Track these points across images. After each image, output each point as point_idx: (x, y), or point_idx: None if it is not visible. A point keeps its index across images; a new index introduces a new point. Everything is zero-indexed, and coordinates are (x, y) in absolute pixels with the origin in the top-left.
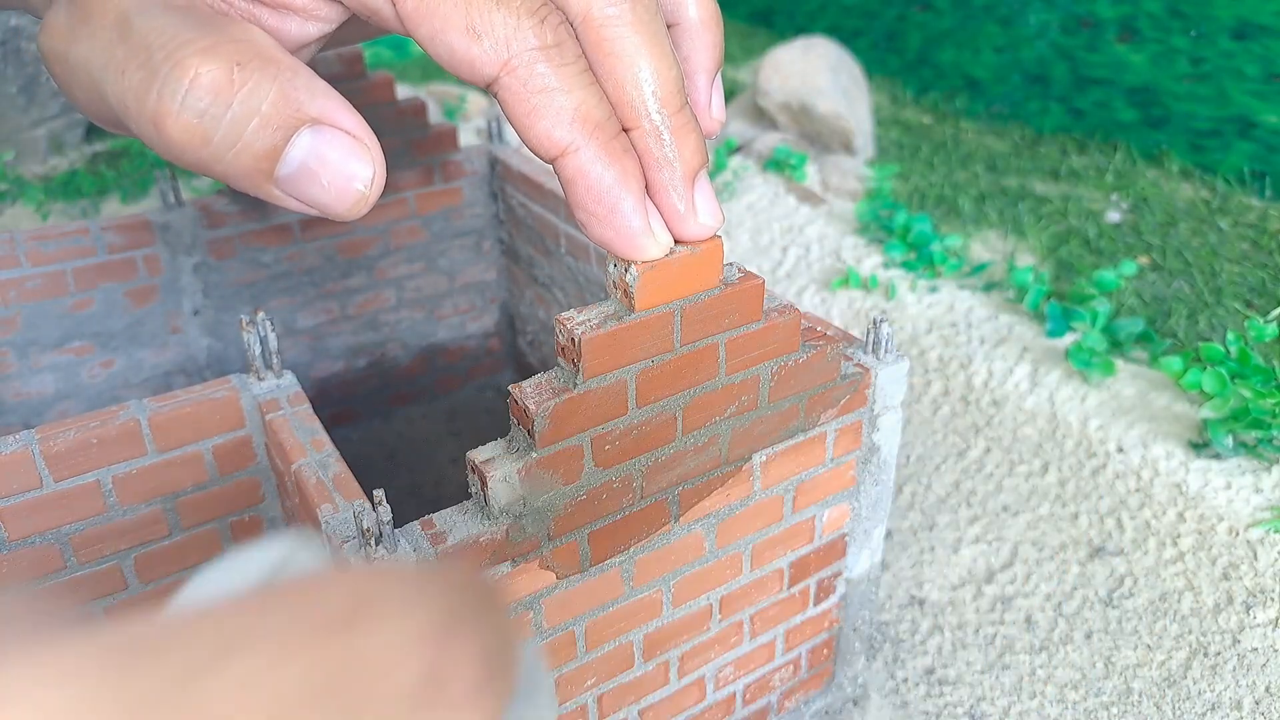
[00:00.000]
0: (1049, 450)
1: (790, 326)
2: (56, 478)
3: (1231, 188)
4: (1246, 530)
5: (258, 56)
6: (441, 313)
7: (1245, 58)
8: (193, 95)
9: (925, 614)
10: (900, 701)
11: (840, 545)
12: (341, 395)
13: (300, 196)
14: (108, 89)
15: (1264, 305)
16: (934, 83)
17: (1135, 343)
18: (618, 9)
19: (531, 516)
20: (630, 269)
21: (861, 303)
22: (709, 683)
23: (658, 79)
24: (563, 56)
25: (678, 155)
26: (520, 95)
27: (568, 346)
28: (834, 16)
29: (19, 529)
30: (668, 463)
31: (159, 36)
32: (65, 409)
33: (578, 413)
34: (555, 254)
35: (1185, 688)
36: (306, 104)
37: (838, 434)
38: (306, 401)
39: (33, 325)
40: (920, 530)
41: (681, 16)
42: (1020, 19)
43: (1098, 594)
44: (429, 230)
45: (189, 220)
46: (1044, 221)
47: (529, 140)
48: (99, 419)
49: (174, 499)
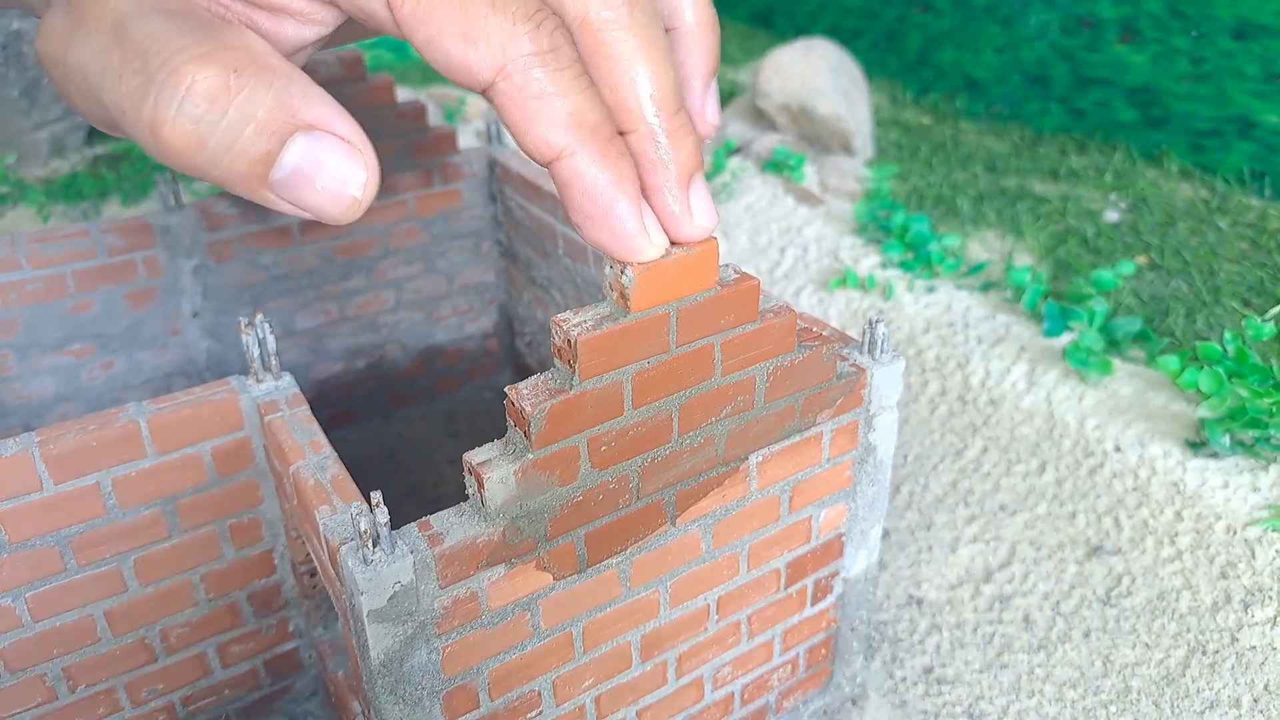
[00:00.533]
0: (1046, 450)
1: (786, 327)
2: (56, 480)
3: (1231, 187)
4: (1244, 529)
5: (253, 63)
6: (440, 314)
7: (1245, 58)
8: (189, 102)
9: (923, 613)
10: (899, 701)
11: (837, 545)
12: (340, 396)
13: (295, 201)
14: (104, 93)
15: (1262, 304)
16: (934, 83)
17: (1133, 342)
18: (615, 13)
19: (528, 518)
20: (626, 270)
21: (859, 303)
22: (707, 683)
23: (654, 83)
24: (558, 61)
25: (673, 158)
26: (516, 100)
27: (564, 348)
28: (834, 18)
29: (19, 531)
30: (664, 463)
31: (154, 42)
32: (65, 411)
33: (574, 414)
34: (553, 256)
35: (1184, 686)
36: (301, 110)
37: (834, 434)
38: (305, 403)
39: (33, 327)
40: (918, 530)
41: (678, 21)
42: (1020, 19)
43: (1096, 593)
44: (428, 232)
45: (189, 223)
46: (1042, 221)
47: (525, 144)
48: (99, 421)
49: (173, 501)
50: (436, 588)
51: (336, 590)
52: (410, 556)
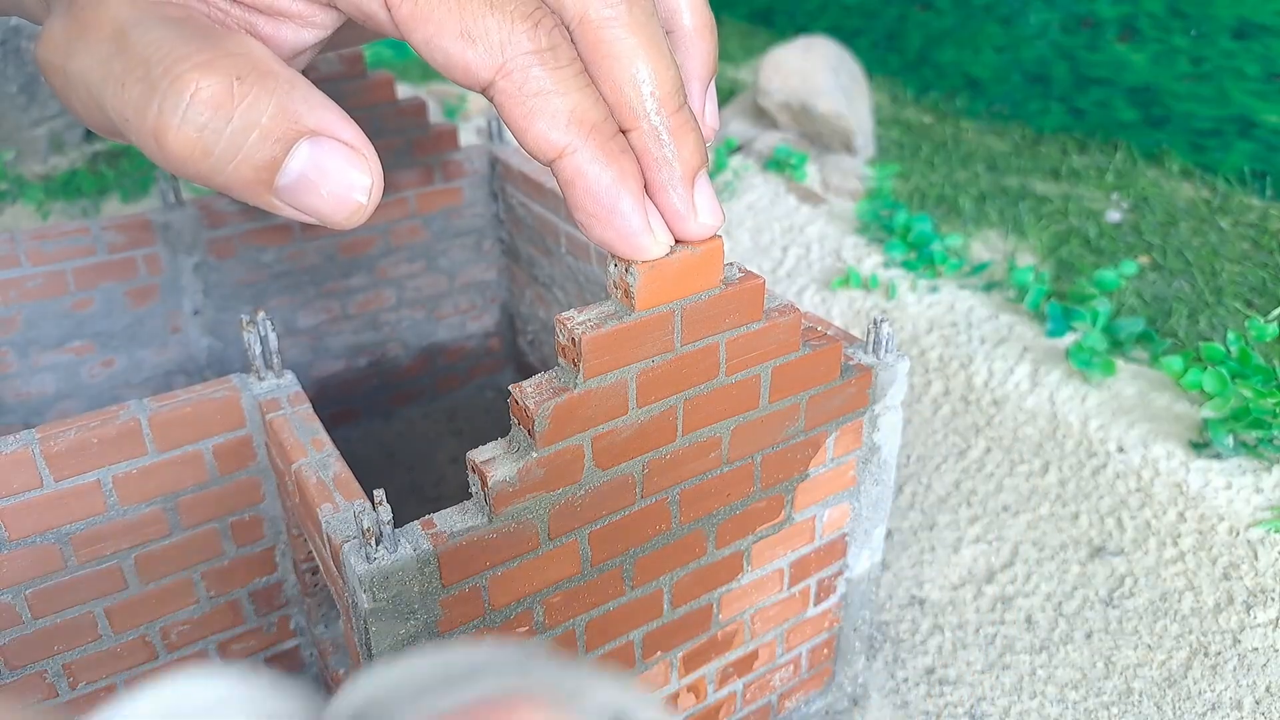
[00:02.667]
0: (1049, 450)
1: (791, 326)
2: (57, 477)
3: (1232, 187)
4: (1247, 530)
5: (255, 70)
6: (442, 312)
7: (1246, 57)
8: (193, 109)
9: (925, 614)
10: (900, 701)
11: (840, 545)
12: (342, 395)
13: (300, 206)
14: (107, 102)
15: (1264, 305)
16: (934, 82)
17: (1136, 342)
18: (614, 10)
19: (532, 516)
20: (631, 269)
21: (862, 302)
22: (709, 683)
23: (655, 79)
24: (557, 59)
25: (677, 155)
26: (515, 99)
27: (568, 346)
28: (834, 16)
29: (19, 528)
30: (668, 463)
31: (156, 50)
32: (66, 408)
33: (578, 412)
34: (555, 253)
35: (1185, 687)
36: (305, 116)
37: (838, 434)
38: (307, 401)
39: (33, 325)
40: (920, 530)
41: (675, 25)
42: (1021, 18)
43: (1098, 594)
44: (429, 230)
45: (189, 220)
46: (1044, 221)
47: (526, 143)
48: (99, 419)
49: (174, 498)
50: (439, 586)
51: (338, 588)
52: (413, 554)
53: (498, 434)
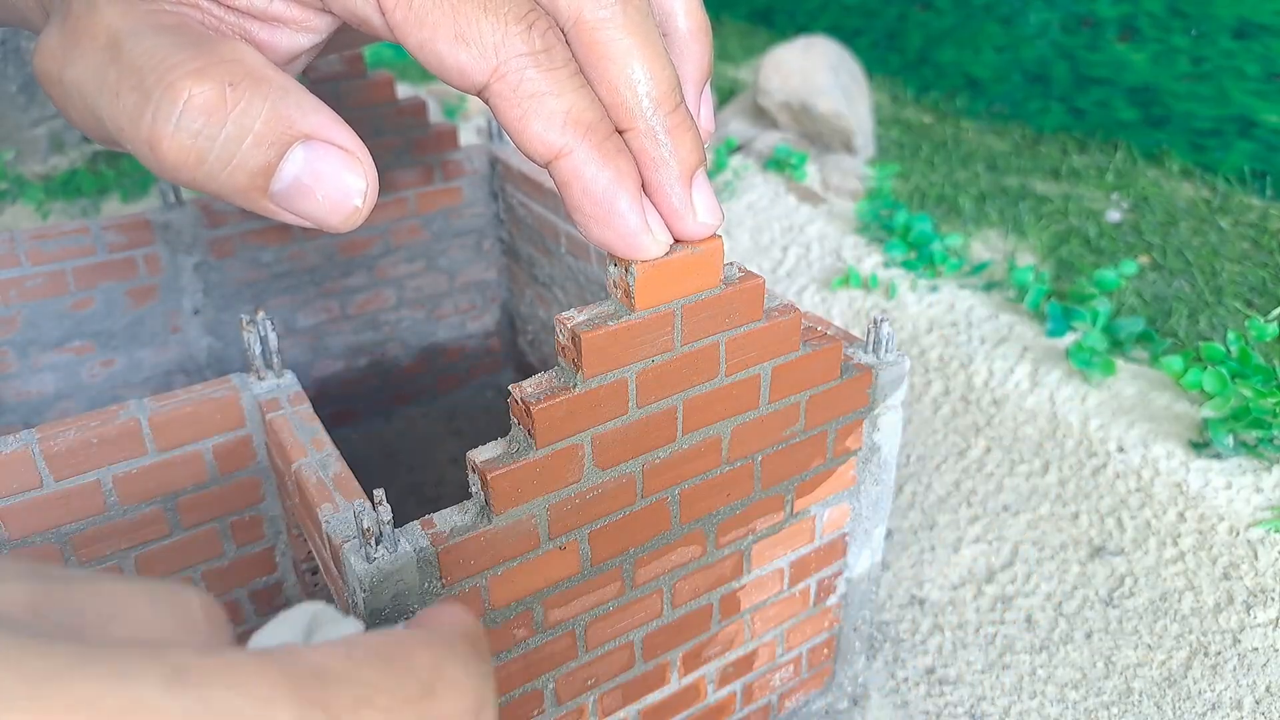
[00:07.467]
0: (1049, 450)
1: (791, 326)
2: (57, 477)
3: (1232, 187)
4: (1247, 530)
5: (249, 76)
6: (442, 312)
7: (1246, 57)
8: (187, 117)
9: (925, 613)
10: (900, 701)
11: (840, 545)
12: (342, 395)
13: (295, 211)
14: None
15: (1265, 305)
16: (934, 82)
17: (1136, 342)
18: (609, 11)
19: (532, 516)
20: (630, 268)
21: (862, 302)
22: (709, 683)
23: (651, 79)
24: (551, 61)
25: (674, 154)
26: (511, 101)
27: (568, 346)
28: (834, 15)
29: (19, 528)
30: (668, 462)
31: (150, 58)
32: (65, 408)
33: (578, 412)
34: (555, 253)
35: (1186, 687)
36: (299, 121)
37: (838, 433)
38: (307, 401)
39: (33, 324)
40: (921, 530)
41: (670, 28)
42: (1021, 18)
43: (1098, 594)
44: (429, 229)
45: (189, 219)
46: (1044, 221)
47: (522, 145)
48: (99, 418)
49: (174, 498)
50: (439, 586)
51: (338, 588)
52: (413, 554)
53: (498, 434)
